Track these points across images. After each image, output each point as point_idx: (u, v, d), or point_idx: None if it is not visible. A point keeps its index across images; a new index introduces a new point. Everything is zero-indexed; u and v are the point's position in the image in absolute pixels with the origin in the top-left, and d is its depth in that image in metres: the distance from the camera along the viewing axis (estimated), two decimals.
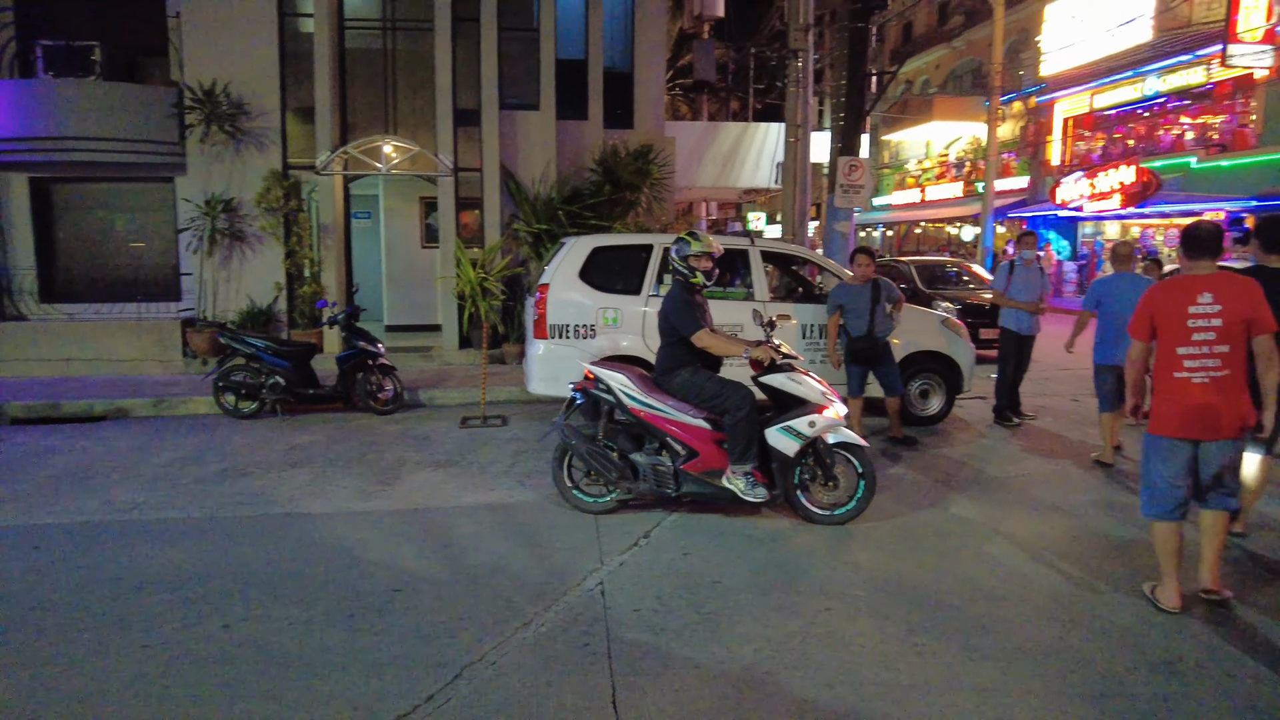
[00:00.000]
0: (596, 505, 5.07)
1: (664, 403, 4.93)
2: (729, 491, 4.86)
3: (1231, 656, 3.37)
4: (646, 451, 5.00)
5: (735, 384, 4.92)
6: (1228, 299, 3.63)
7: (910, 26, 36.94)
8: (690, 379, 4.95)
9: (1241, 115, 20.43)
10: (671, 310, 4.97)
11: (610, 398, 4.97)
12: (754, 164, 16.44)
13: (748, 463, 4.81)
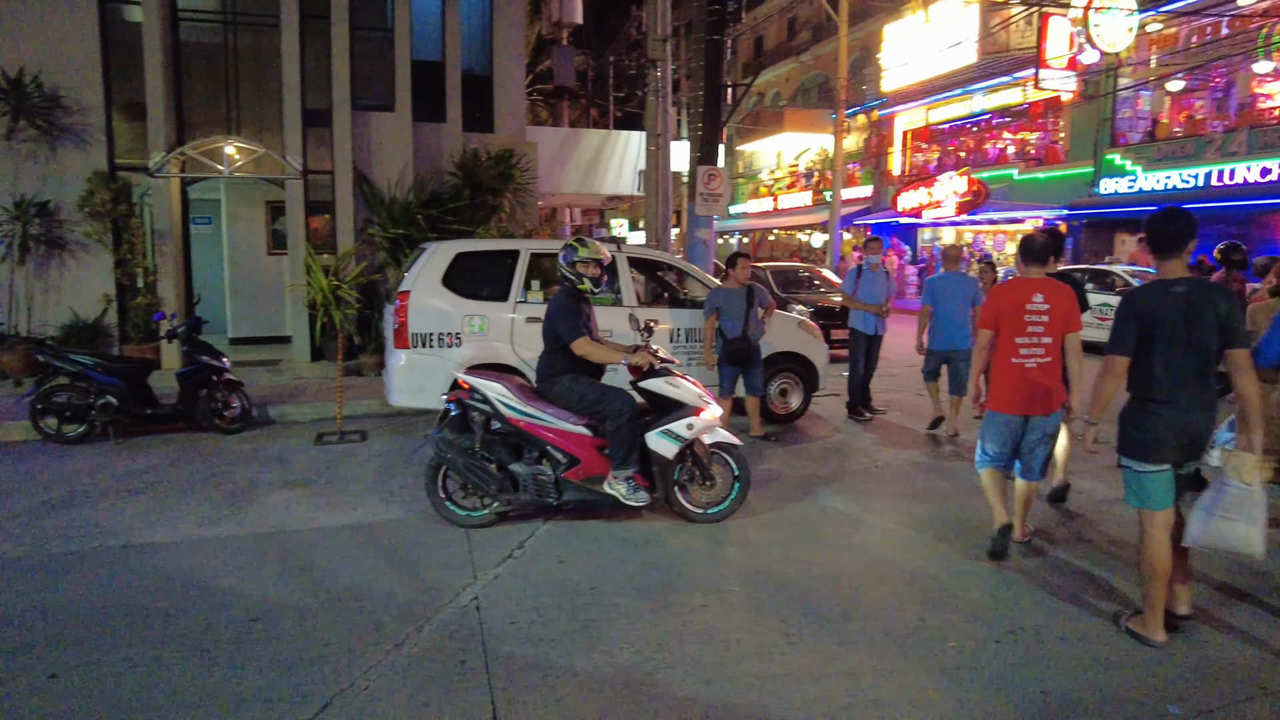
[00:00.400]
0: (474, 519, 4.92)
1: (544, 411, 4.88)
2: (611, 497, 4.87)
3: (1066, 616, 3.69)
4: (526, 461, 4.92)
5: (616, 390, 4.94)
6: (1054, 300, 4.34)
7: (761, 40, 38.47)
8: (571, 386, 4.93)
9: (1053, 133, 22.57)
10: (555, 316, 4.94)
11: (487, 408, 4.84)
12: (616, 171, 16.59)
13: (629, 467, 4.85)
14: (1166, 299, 3.43)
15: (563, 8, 16.25)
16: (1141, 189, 19.25)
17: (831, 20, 25.65)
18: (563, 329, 4.89)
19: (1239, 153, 17.33)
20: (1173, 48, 19.49)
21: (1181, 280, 3.46)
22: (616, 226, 27.93)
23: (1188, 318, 3.38)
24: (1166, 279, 3.51)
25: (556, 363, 4.98)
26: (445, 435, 4.87)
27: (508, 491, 4.86)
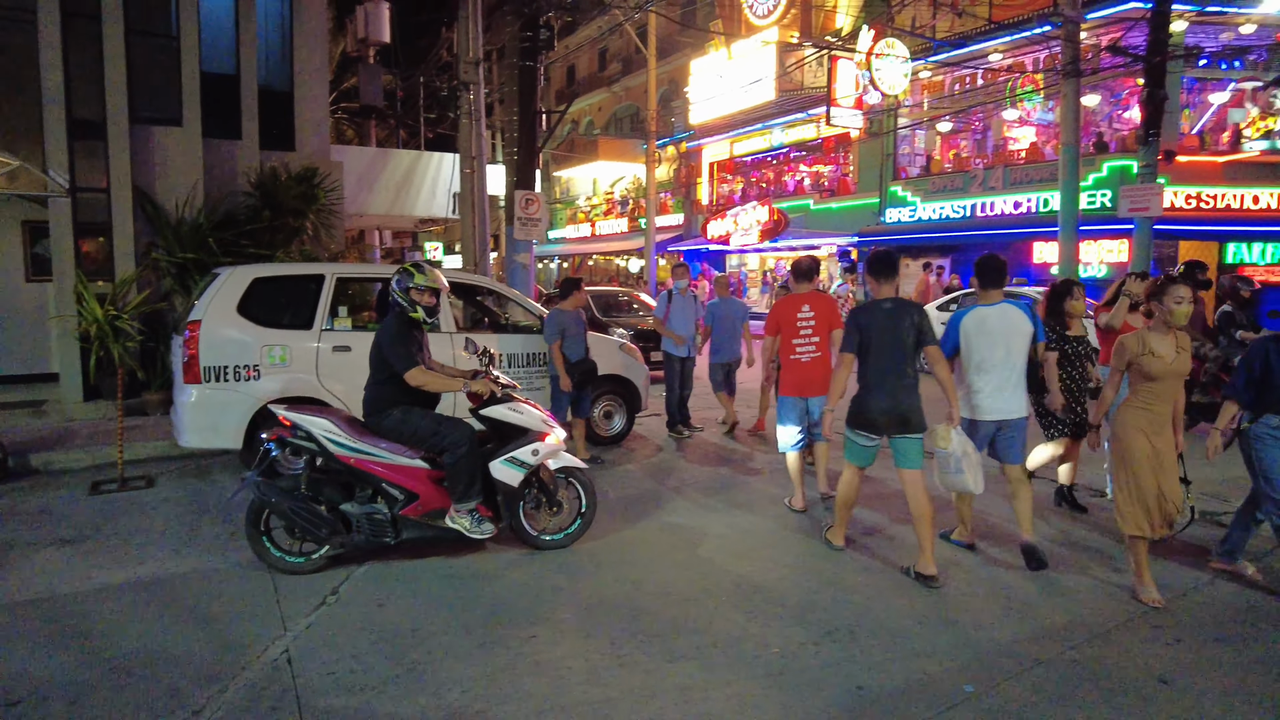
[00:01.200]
0: (305, 565, 4.55)
1: (376, 446, 4.59)
2: (455, 531, 4.66)
3: (877, 614, 3.95)
4: (359, 500, 4.61)
5: (453, 420, 4.73)
6: (818, 308, 5.91)
7: (574, 69, 39.13)
8: (403, 419, 4.66)
9: (843, 166, 24.57)
10: (386, 344, 4.64)
11: (312, 445, 4.49)
12: (429, 193, 16.18)
13: (472, 500, 4.66)
14: (878, 314, 4.57)
15: (369, 25, 15.71)
16: (921, 218, 21.35)
17: (641, 53, 26.56)
18: (395, 358, 4.60)
19: (997, 188, 19.69)
20: (941, 93, 21.87)
21: (889, 299, 4.62)
22: (431, 250, 27.23)
23: (892, 326, 4.50)
24: (880, 299, 4.64)
25: (387, 394, 4.68)
26: (267, 477, 4.48)
27: (341, 533, 4.54)
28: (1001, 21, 18.42)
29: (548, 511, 4.99)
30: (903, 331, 4.48)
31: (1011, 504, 4.90)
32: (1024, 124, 20.32)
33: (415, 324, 4.80)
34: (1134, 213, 15.32)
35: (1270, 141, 17.76)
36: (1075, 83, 15.57)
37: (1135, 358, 4.21)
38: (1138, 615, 3.99)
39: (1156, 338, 4.22)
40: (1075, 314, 5.53)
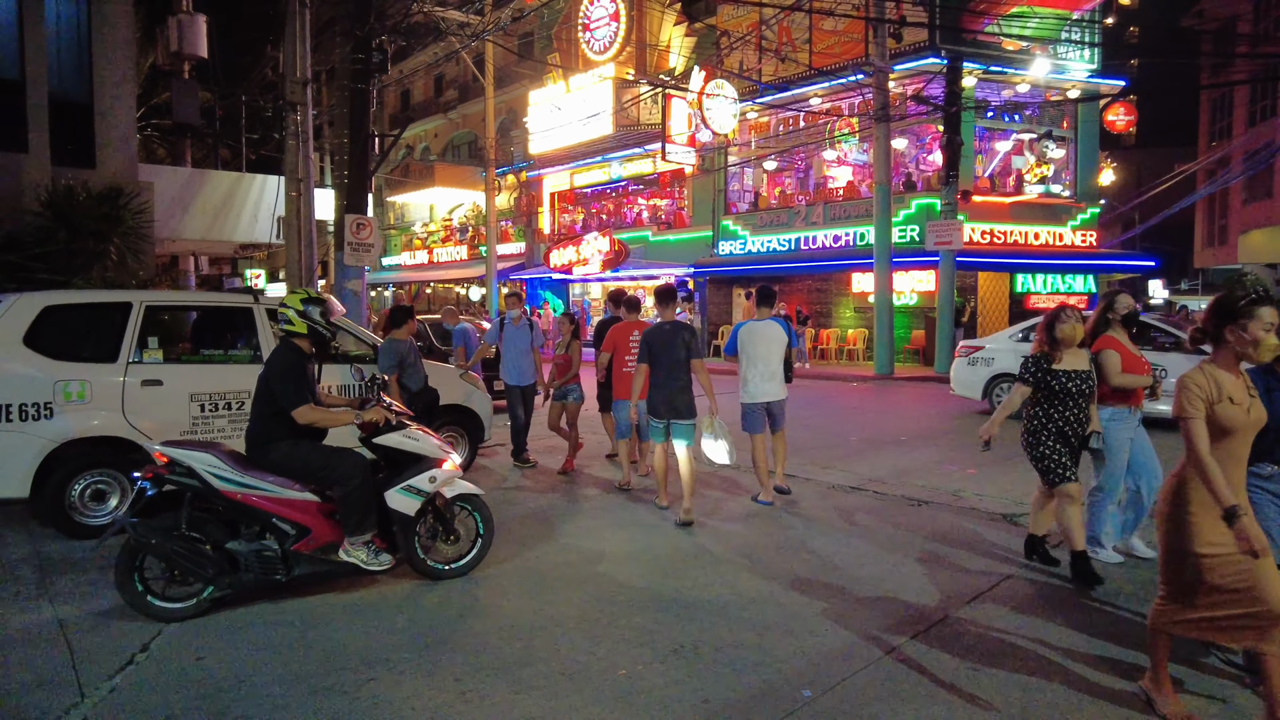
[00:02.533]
0: (187, 610, 4.26)
1: (263, 480, 4.38)
2: (350, 565, 4.51)
3: (717, 629, 4.05)
4: (245, 537, 4.38)
5: (343, 451, 4.59)
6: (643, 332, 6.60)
7: (409, 94, 38.30)
8: (291, 452, 4.48)
9: (679, 200, 25.45)
10: (275, 378, 4.45)
11: (193, 482, 4.25)
12: (251, 217, 15.22)
13: (367, 531, 4.53)
14: (661, 333, 6.15)
15: (183, 37, 14.67)
16: (751, 250, 22.44)
17: (479, 81, 26.42)
18: (284, 394, 4.42)
19: (818, 223, 21.05)
20: (767, 133, 23.20)
21: (668, 322, 6.24)
22: (253, 277, 25.53)
23: (670, 343, 6.10)
24: (663, 321, 6.26)
25: (273, 427, 4.48)
26: (142, 519, 4.17)
27: (227, 573, 4.30)
28: (820, 68, 19.85)
29: (445, 540, 4.88)
30: (677, 347, 6.11)
31: (773, 457, 6.83)
32: (841, 164, 21.92)
33: (306, 357, 4.64)
34: (939, 246, 16.86)
35: (1045, 186, 20.12)
36: (886, 127, 17.00)
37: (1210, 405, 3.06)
38: (952, 614, 4.33)
39: (1228, 377, 3.11)
40: (1068, 342, 4.79)
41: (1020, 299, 19.60)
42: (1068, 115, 20.48)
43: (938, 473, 7.81)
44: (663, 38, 24.58)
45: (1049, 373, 4.80)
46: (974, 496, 6.89)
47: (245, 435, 4.62)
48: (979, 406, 11.91)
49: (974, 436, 9.84)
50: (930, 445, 9.31)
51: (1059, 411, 4.83)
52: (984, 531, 5.85)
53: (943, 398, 14.03)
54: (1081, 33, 19.74)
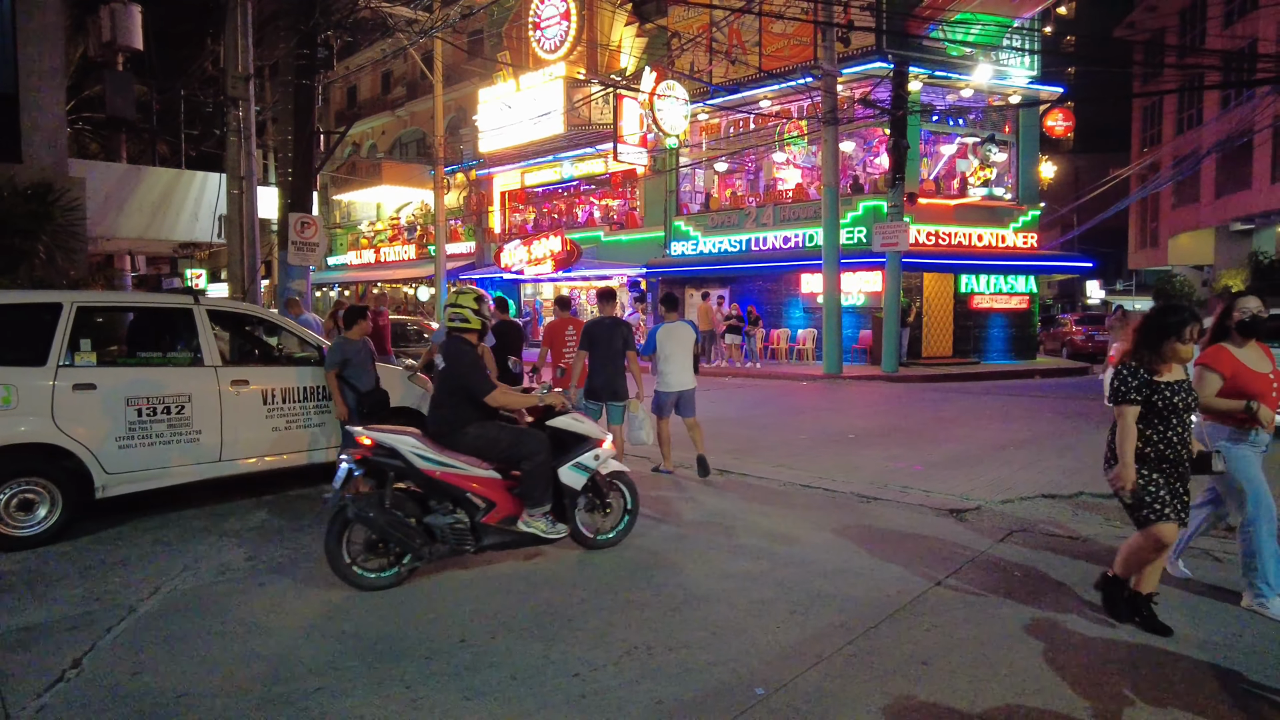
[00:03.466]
0: (389, 579, 4.67)
1: (456, 459, 4.86)
2: (530, 535, 4.99)
3: (668, 630, 4.05)
4: (439, 511, 4.80)
5: (529, 432, 5.14)
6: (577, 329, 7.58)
7: (355, 91, 37.62)
8: (481, 433, 4.98)
9: (631, 201, 25.45)
10: (466, 371, 4.97)
11: (397, 462, 4.69)
12: (191, 215, 14.75)
13: (545, 504, 5.02)
14: (601, 327, 7.25)
15: (115, 27, 14.16)
16: (702, 251, 22.55)
17: (427, 78, 26.06)
18: (475, 381, 4.95)
19: (768, 224, 21.25)
20: (718, 135, 23.34)
21: (609, 318, 7.39)
22: (194, 277, 24.80)
23: (609, 336, 7.21)
24: (603, 317, 7.40)
25: (463, 412, 4.98)
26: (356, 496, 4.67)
27: (428, 545, 4.73)
28: (770, 71, 20.05)
29: (600, 513, 5.42)
30: (615, 339, 7.24)
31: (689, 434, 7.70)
32: (791, 166, 22.17)
33: (475, 347, 5.16)
34: (886, 247, 17.16)
35: (988, 189, 20.63)
36: (834, 130, 17.24)
37: None
38: (901, 609, 4.40)
39: None
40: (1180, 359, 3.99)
41: (965, 299, 20.07)
42: (1009, 120, 21.03)
43: (885, 470, 7.94)
44: (614, 38, 24.57)
45: (1152, 386, 3.92)
46: (921, 493, 7.01)
47: (432, 422, 5.08)
48: (927, 402, 12.15)
49: (921, 433, 10.06)
50: (877, 443, 9.46)
51: (1159, 432, 3.94)
52: (932, 527, 5.96)
53: (890, 396, 14.29)
54: (1022, 40, 20.30)
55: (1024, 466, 8.08)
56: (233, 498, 6.80)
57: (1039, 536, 5.67)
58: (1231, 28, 28.77)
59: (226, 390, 6.38)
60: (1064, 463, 8.21)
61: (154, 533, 5.84)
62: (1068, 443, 9.37)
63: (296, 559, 5.30)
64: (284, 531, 5.91)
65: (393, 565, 4.70)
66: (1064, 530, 5.82)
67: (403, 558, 4.70)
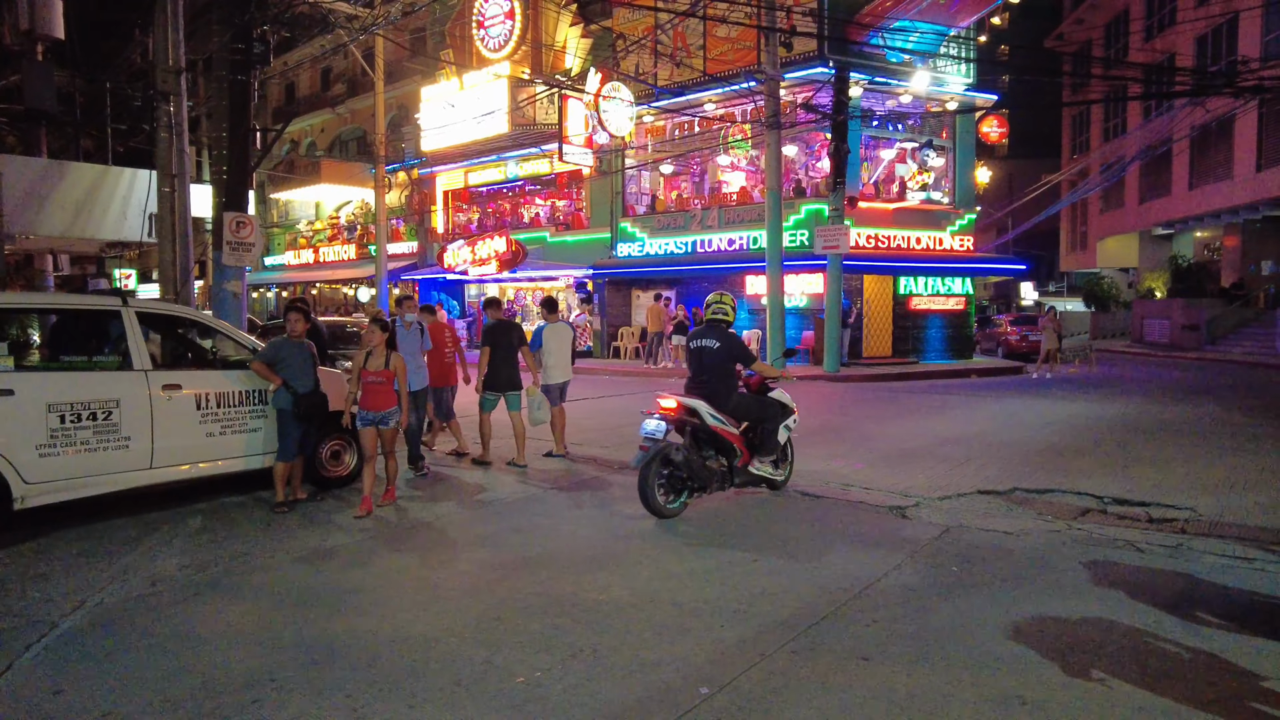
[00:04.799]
0: (673, 509, 6.15)
1: (726, 419, 6.34)
2: (761, 475, 6.66)
3: (616, 631, 4.05)
4: (708, 459, 6.28)
5: (768, 400, 6.75)
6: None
7: (294, 87, 36.74)
8: (741, 400, 6.56)
9: (577, 201, 25.38)
10: (739, 352, 6.50)
11: (696, 420, 6.19)
12: (119, 213, 14.20)
13: (773, 454, 6.70)
14: (499, 329, 8.27)
15: (34, 15, 13.54)
16: (649, 253, 22.61)
17: (368, 75, 25.57)
18: (747, 360, 6.57)
19: (714, 226, 21.41)
20: (663, 137, 23.43)
21: (505, 321, 8.39)
22: (123, 278, 23.91)
23: (506, 335, 8.26)
24: (501, 320, 8.39)
25: (731, 383, 6.51)
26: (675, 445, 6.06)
27: (714, 482, 6.27)
28: (714, 74, 20.20)
29: (781, 466, 6.95)
30: (511, 338, 8.29)
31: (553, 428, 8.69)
32: (735, 169, 22.38)
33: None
34: (827, 250, 17.45)
35: (926, 193, 21.13)
36: (777, 134, 17.46)
37: None
38: (842, 605, 4.48)
39: None
40: None
41: (903, 300, 20.52)
42: (946, 126, 21.57)
43: (828, 468, 8.07)
44: (558, 38, 24.46)
45: None
46: (862, 490, 7.15)
47: (707, 394, 6.36)
48: (867, 402, 12.35)
49: (862, 432, 10.25)
50: (820, 441, 9.61)
51: None
52: (873, 523, 6.08)
53: (832, 396, 14.53)
54: (958, 49, 20.85)
55: (961, 463, 8.29)
56: (165, 506, 6.58)
57: (976, 532, 5.83)
58: (1152, 42, 30.05)
59: (158, 395, 6.17)
60: (998, 459, 8.46)
61: (78, 544, 5.62)
62: (1001, 439, 9.65)
63: (233, 568, 5.15)
64: (219, 540, 5.74)
65: (679, 499, 6.18)
66: (1000, 526, 6.00)
67: (682, 493, 6.19)
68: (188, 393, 6.41)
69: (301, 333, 6.76)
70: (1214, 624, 4.15)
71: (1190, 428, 10.50)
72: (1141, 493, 6.88)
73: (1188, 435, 9.92)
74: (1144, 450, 8.92)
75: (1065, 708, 3.34)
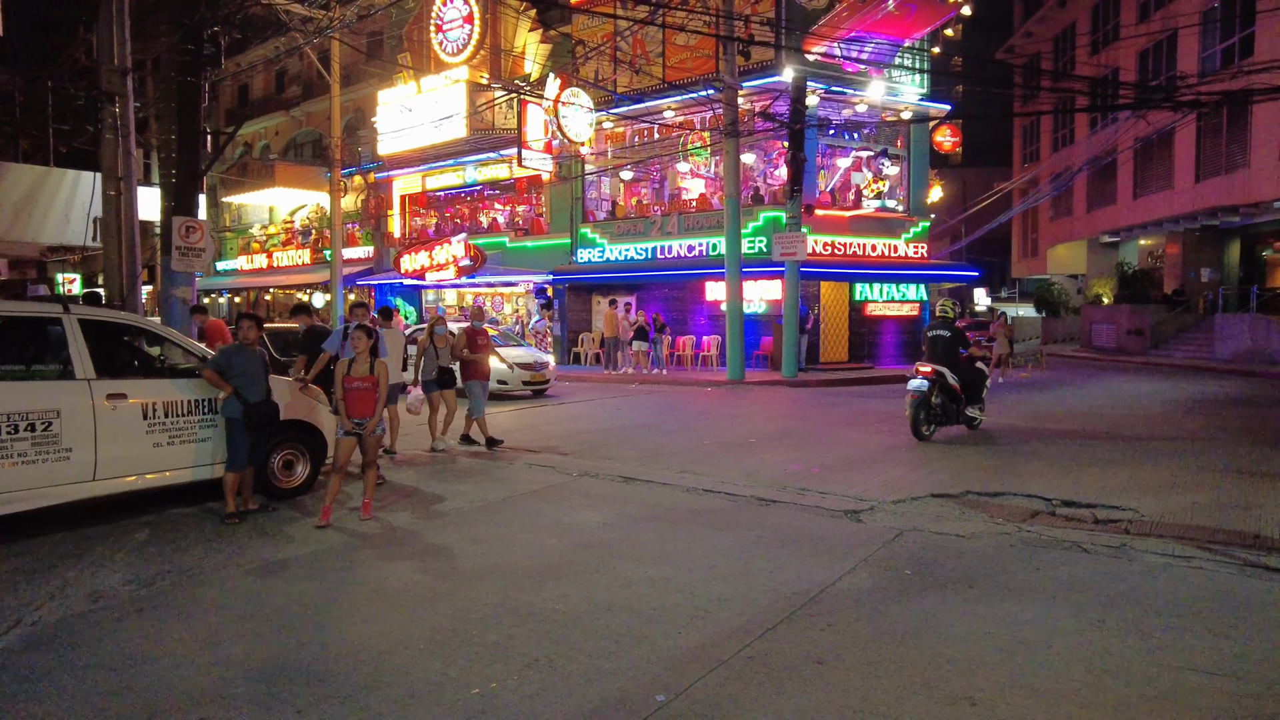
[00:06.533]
0: (927, 434, 9.81)
1: (954, 377, 9.83)
2: (972, 416, 10.27)
3: (571, 642, 4.03)
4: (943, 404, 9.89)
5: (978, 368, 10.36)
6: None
7: (247, 89, 36.07)
8: (964, 368, 10.06)
9: (537, 207, 25.29)
10: (960, 337, 10.12)
11: (944, 380, 9.79)
12: (62, 216, 13.80)
13: (980, 403, 10.29)
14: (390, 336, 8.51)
15: None
16: (609, 258, 22.62)
17: (324, 78, 25.20)
18: (965, 342, 10.12)
19: (673, 233, 21.51)
20: (623, 144, 23.47)
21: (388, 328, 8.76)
22: (66, 283, 23.23)
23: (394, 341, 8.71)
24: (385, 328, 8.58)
25: (956, 358, 9.94)
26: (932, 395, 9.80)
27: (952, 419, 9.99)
28: (673, 82, 20.31)
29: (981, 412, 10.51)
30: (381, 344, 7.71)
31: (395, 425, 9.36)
32: (695, 176, 22.51)
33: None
34: (785, 257, 17.63)
35: (881, 201, 21.47)
36: (735, 142, 17.61)
37: None
38: (798, 610, 4.52)
39: None
40: None
41: (859, 307, 20.81)
42: (901, 135, 21.96)
43: (784, 473, 8.15)
44: (518, 43, 24.38)
45: None
46: (818, 495, 7.22)
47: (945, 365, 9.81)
48: (824, 406, 12.48)
49: (819, 436, 10.37)
50: (777, 447, 9.70)
51: None
52: (828, 528, 6.15)
53: (790, 401, 14.66)
54: (913, 59, 21.24)
55: (915, 466, 8.43)
56: (110, 519, 6.40)
57: (929, 535, 5.93)
58: (1097, 56, 30.96)
59: (101, 405, 6.00)
60: (951, 463, 8.61)
61: (14, 560, 5.43)
62: (955, 444, 9.84)
63: (180, 581, 5.03)
64: (166, 553, 5.60)
65: (931, 429, 9.88)
66: (952, 529, 6.10)
67: (933, 426, 9.85)
68: (134, 402, 6.24)
69: (255, 340, 6.63)
70: (1155, 622, 4.27)
71: (1135, 430, 10.81)
72: (1088, 495, 7.06)
73: (1132, 438, 10.21)
74: (1091, 452, 9.16)
75: (1014, 708, 3.41)
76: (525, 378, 15.09)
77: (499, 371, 14.06)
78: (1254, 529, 5.96)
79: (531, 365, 15.27)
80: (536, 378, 15.28)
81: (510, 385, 14.91)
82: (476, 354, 10.01)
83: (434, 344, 9.85)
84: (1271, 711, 3.36)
